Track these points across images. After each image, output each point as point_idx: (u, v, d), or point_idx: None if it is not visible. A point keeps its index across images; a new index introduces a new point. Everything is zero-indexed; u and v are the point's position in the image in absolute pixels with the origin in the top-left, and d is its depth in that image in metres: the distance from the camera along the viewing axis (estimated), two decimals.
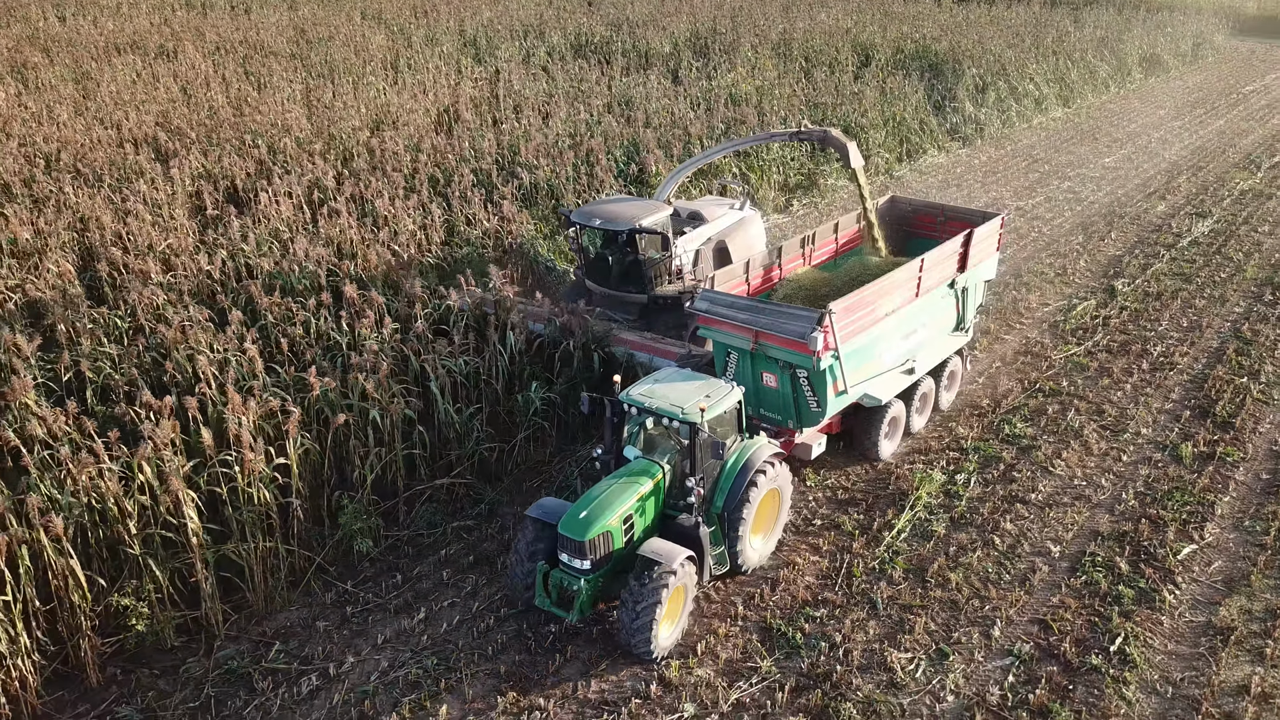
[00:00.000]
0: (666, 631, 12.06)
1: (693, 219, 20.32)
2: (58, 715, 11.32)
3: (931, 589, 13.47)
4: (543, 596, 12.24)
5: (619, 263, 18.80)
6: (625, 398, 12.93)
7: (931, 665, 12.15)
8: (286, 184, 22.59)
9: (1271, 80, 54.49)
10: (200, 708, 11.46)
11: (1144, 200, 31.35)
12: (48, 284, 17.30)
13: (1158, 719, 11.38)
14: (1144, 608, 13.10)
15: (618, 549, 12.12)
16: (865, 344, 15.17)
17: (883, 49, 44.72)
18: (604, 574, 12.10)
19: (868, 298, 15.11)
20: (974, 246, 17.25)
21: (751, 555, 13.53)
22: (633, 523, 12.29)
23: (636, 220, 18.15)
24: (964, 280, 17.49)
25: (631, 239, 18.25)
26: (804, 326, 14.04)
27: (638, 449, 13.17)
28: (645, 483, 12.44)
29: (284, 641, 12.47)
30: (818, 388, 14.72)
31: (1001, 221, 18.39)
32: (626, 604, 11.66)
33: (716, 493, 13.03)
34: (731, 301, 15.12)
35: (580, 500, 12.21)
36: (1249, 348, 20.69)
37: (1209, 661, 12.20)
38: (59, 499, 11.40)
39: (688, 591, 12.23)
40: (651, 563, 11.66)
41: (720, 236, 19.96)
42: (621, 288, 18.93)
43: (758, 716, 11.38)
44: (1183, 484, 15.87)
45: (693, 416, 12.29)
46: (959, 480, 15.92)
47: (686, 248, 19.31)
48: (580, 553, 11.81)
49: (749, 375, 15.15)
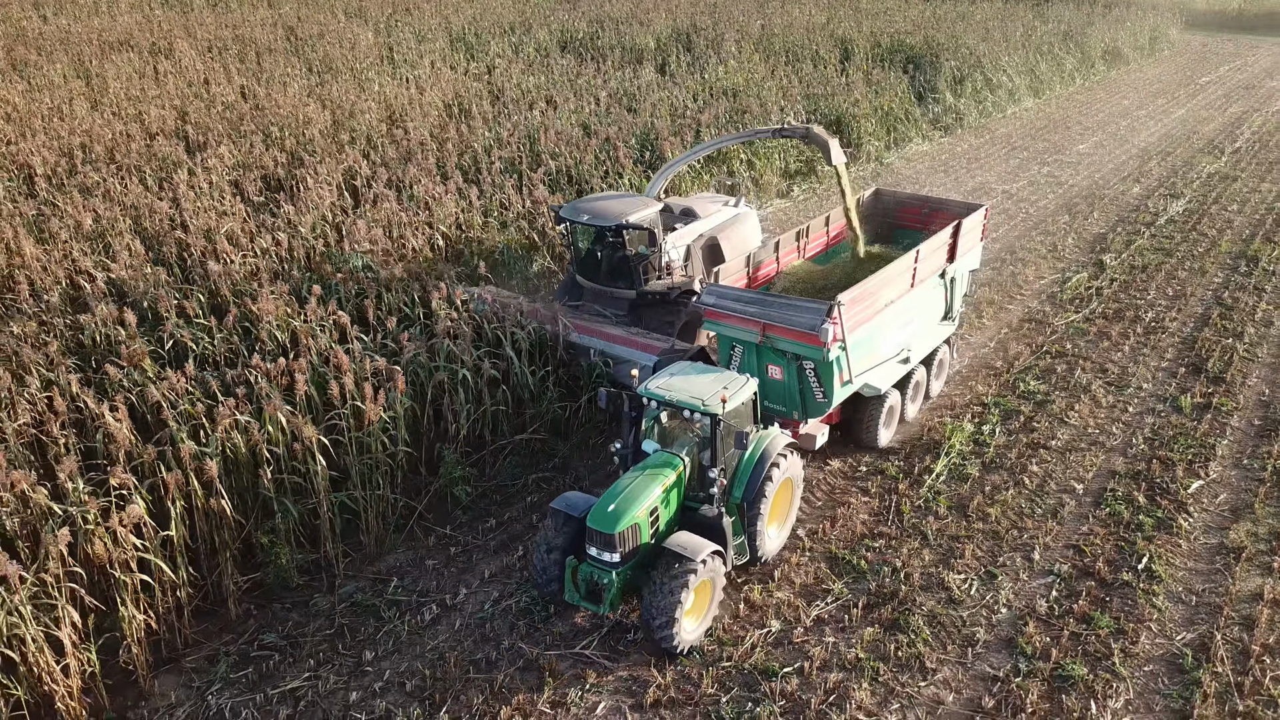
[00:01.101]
0: (691, 625, 12.16)
1: (685, 215, 20.43)
2: (206, 643, 12.43)
3: (974, 522, 14.95)
4: (571, 591, 12.26)
5: (608, 259, 18.69)
6: (644, 391, 12.91)
7: (983, 585, 13.61)
8: (326, 171, 23.62)
9: (1225, 72, 57.05)
10: (335, 635, 12.62)
11: (1120, 183, 33.25)
12: (123, 265, 18.23)
13: (1186, 622, 12.92)
14: (1163, 533, 14.68)
15: (645, 542, 12.18)
16: (868, 334, 15.50)
17: (860, 43, 46.42)
18: (631, 566, 12.11)
19: (871, 289, 15.42)
20: (961, 238, 17.79)
21: (769, 544, 13.75)
22: (658, 515, 12.35)
23: (624, 216, 18.02)
24: (952, 270, 17.98)
25: (620, 235, 18.09)
26: (815, 318, 14.28)
27: (656, 442, 13.28)
28: (668, 475, 12.48)
29: (399, 578, 13.67)
30: (824, 379, 14.95)
31: (985, 212, 19.01)
32: (650, 597, 11.75)
33: (735, 483, 13.15)
34: (739, 295, 15.30)
35: (607, 494, 12.23)
36: (1231, 313, 22.48)
37: (1225, 575, 13.78)
38: (205, 449, 12.47)
39: (715, 585, 12.38)
40: (677, 556, 11.75)
41: (713, 233, 20.03)
42: (611, 283, 18.87)
43: (837, 629, 12.78)
44: (1185, 430, 17.51)
45: (714, 408, 12.37)
46: (985, 430, 17.44)
47: (677, 244, 19.33)
48: (610, 546, 11.83)
49: (754, 368, 15.35)
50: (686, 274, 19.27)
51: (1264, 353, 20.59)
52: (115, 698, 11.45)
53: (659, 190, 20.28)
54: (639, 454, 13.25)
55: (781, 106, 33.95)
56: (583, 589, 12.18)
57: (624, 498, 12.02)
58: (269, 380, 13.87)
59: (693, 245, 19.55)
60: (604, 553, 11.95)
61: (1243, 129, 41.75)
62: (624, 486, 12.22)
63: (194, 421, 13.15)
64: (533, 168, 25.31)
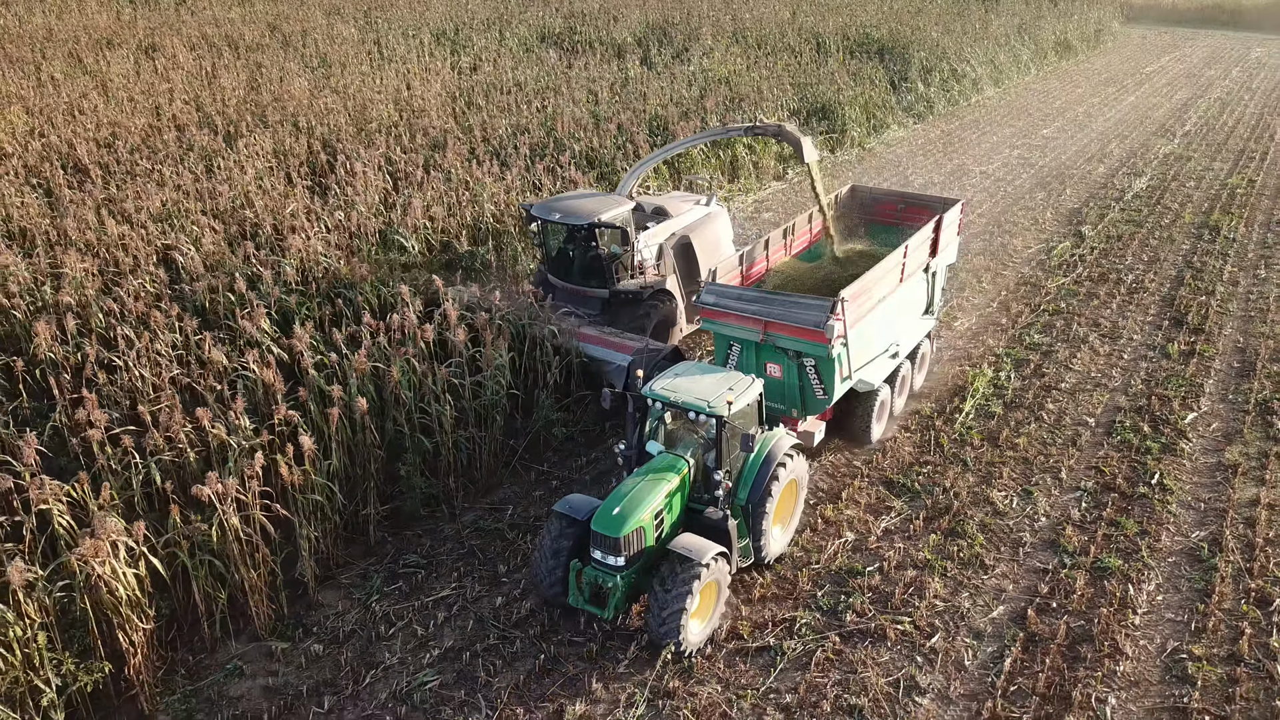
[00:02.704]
0: (698, 627, 12.13)
1: (657, 214, 20.37)
2: (355, 563, 13.96)
3: (1005, 450, 16.97)
4: (575, 595, 12.22)
5: (580, 257, 18.61)
6: (649, 392, 12.79)
7: (1022, 500, 15.62)
8: (367, 157, 25.01)
9: (1166, 61, 60.36)
10: (467, 554, 14.22)
11: (1086, 163, 35.78)
12: (208, 241, 19.53)
13: (1197, 524, 15.05)
14: (1169, 455, 16.83)
15: (649, 545, 12.08)
16: (864, 330, 15.53)
17: (830, 37, 48.65)
18: (636, 570, 12.05)
19: (868, 284, 15.47)
20: (942, 232, 18.06)
21: (774, 546, 13.69)
22: (663, 518, 12.24)
23: (597, 215, 17.87)
24: (934, 265, 18.25)
25: (592, 233, 18.02)
26: (819, 315, 14.31)
27: (660, 443, 13.21)
28: (673, 478, 12.35)
29: (513, 506, 15.29)
30: (825, 376, 15.02)
31: (961, 207, 19.27)
32: (656, 599, 11.70)
33: (740, 485, 13.07)
34: (739, 294, 15.24)
35: (611, 497, 12.11)
36: (1201, 274, 24.90)
37: (1225, 486, 15.96)
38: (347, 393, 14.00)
39: (720, 587, 12.33)
40: (682, 558, 11.69)
41: (685, 232, 19.98)
42: (583, 283, 18.72)
43: (904, 537, 14.69)
44: (1175, 372, 19.74)
45: (720, 410, 12.27)
46: (1003, 376, 19.50)
47: (649, 243, 19.25)
48: (615, 549, 11.71)
49: (752, 366, 15.37)
50: (659, 273, 19.19)
51: (1234, 307, 23.00)
52: (292, 607, 12.95)
53: (631, 188, 20.03)
54: (643, 455, 13.12)
55: (775, 94, 35.89)
56: (586, 593, 12.13)
57: (628, 501, 11.89)
58: (392, 334, 15.42)
59: (665, 244, 19.44)
60: (609, 556, 11.83)
61: (1190, 114, 44.69)
62: (628, 489, 12.10)
63: (328, 370, 14.65)
64: (557, 152, 26.91)
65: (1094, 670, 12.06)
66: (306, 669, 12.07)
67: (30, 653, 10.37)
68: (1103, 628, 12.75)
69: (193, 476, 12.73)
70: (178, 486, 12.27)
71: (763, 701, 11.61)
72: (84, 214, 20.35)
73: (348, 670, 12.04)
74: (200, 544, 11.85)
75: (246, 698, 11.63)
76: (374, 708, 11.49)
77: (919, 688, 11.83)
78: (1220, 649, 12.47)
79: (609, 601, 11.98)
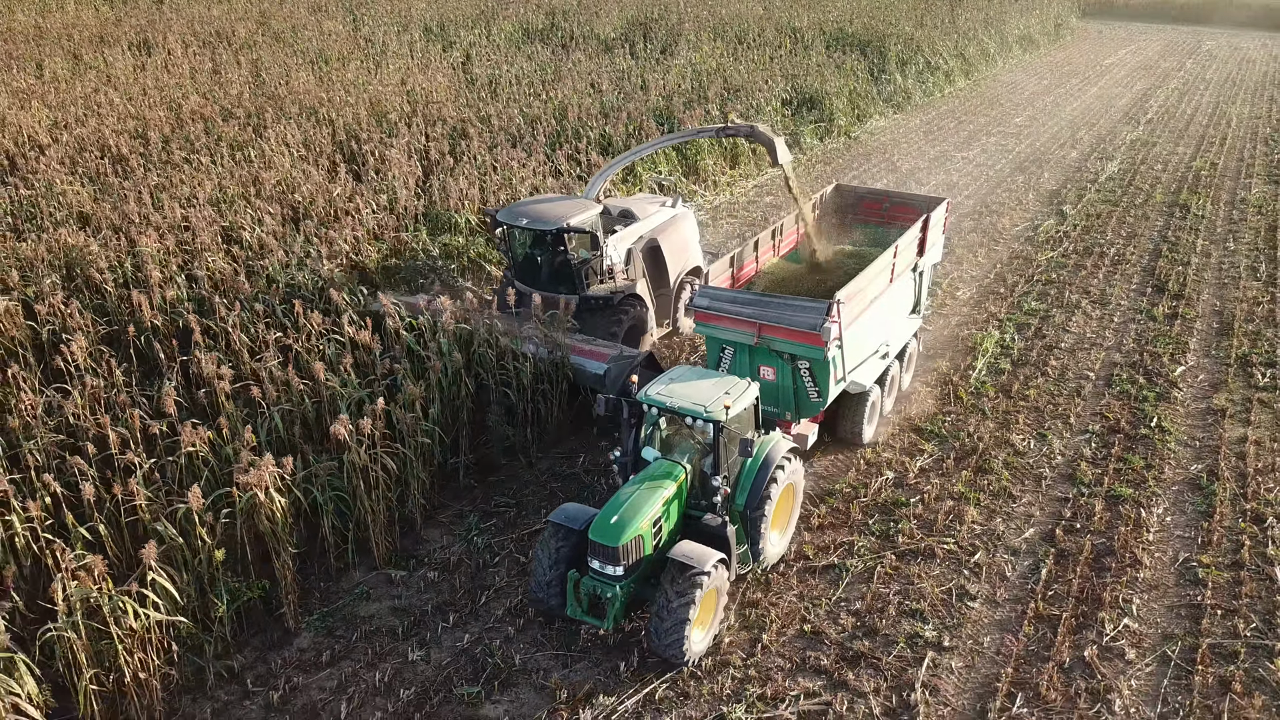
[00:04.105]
0: (699, 636, 11.98)
1: (624, 217, 19.97)
2: (449, 505, 15.34)
3: (1017, 401, 18.72)
4: (574, 605, 11.97)
5: (548, 263, 18.10)
6: (644, 398, 12.61)
7: (1038, 442, 17.36)
8: (399, 145, 26.28)
9: (1123, 55, 63.04)
10: (549, 495, 15.65)
11: (1059, 149, 37.87)
12: (270, 221, 20.73)
13: (1195, 458, 16.88)
14: (1164, 402, 18.67)
15: (648, 554, 11.93)
16: (857, 331, 15.50)
17: (807, 31, 50.49)
18: (634, 579, 11.87)
19: (862, 285, 15.45)
20: (929, 231, 18.23)
21: (772, 550, 13.57)
22: (661, 526, 12.09)
23: (565, 219, 17.40)
24: (922, 264, 18.39)
25: (560, 238, 17.52)
26: (816, 318, 14.21)
27: (656, 449, 13.00)
28: (670, 485, 12.18)
29: (584, 454, 16.75)
30: (819, 378, 14.95)
31: (947, 206, 19.47)
32: (658, 609, 11.53)
33: (738, 490, 12.92)
34: (734, 297, 15.13)
35: (608, 505, 11.92)
36: (1176, 247, 26.94)
37: (1216, 427, 17.82)
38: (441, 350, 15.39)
39: (720, 595, 12.19)
40: (683, 566, 11.51)
41: (653, 234, 19.59)
42: (552, 289, 18.15)
43: (938, 474, 16.35)
44: (1162, 332, 21.65)
45: (717, 415, 12.11)
46: (1008, 338, 21.27)
47: (618, 246, 18.86)
48: (614, 559, 11.54)
49: (745, 369, 15.29)
50: (629, 277, 18.85)
51: (1209, 276, 25.03)
52: (402, 541, 14.33)
53: (598, 192, 19.67)
54: (639, 462, 13.00)
55: (768, 85, 37.61)
56: (585, 603, 11.91)
57: (626, 509, 11.72)
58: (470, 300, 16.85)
59: (634, 248, 19.07)
60: (607, 566, 11.65)
61: (1150, 103, 47.09)
62: (626, 497, 11.92)
63: (417, 331, 16.02)
64: (575, 139, 28.34)
65: (1118, 577, 13.78)
66: (425, 592, 13.46)
67: (203, 572, 11.67)
68: (1122, 543, 14.49)
69: (308, 425, 14.06)
70: (303, 433, 13.60)
71: (835, 609, 13.20)
72: (143, 199, 21.43)
73: (463, 592, 13.44)
74: (329, 482, 13.18)
75: (377, 616, 13.00)
76: (493, 622, 12.90)
77: (969, 595, 13.48)
78: (1224, 558, 14.25)
79: (608, 613, 11.75)
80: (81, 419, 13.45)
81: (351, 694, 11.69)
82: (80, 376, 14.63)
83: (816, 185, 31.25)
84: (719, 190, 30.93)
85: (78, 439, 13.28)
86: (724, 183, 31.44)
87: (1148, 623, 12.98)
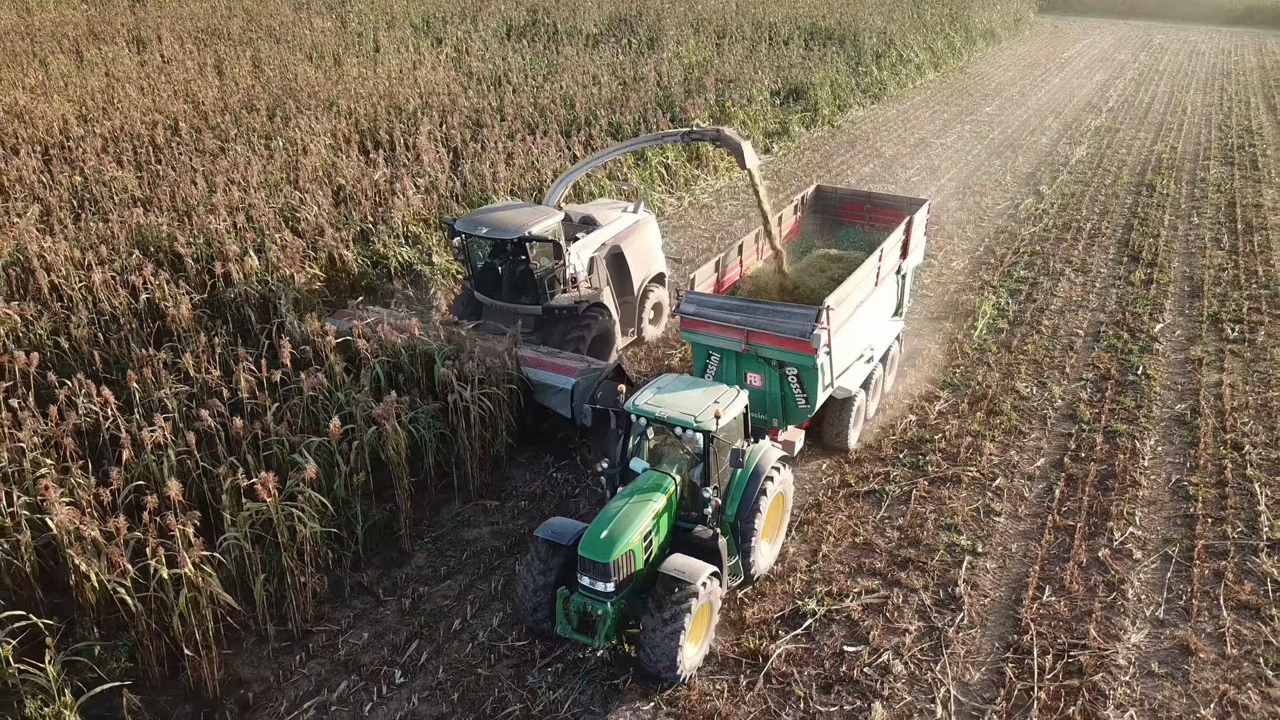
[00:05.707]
0: (692, 651, 11.69)
1: (585, 224, 19.44)
2: (524, 449, 17.01)
3: (1017, 355, 20.75)
4: (563, 623, 11.62)
5: (509, 273, 17.56)
6: (632, 408, 12.26)
7: (1039, 388, 19.38)
8: (425, 133, 27.80)
9: (1081, 48, 65.90)
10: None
11: (1030, 135, 40.22)
12: (317, 204, 22.22)
13: (1178, 400, 19.00)
14: (1147, 354, 20.81)
15: (639, 569, 11.57)
16: (844, 336, 15.45)
17: (784, 27, 52.57)
18: (625, 595, 11.52)
19: (849, 290, 15.42)
20: (912, 233, 18.25)
21: (762, 561, 13.33)
22: (651, 539, 11.74)
23: (526, 227, 16.87)
24: (905, 266, 18.41)
25: (522, 247, 17.02)
26: (805, 324, 14.13)
27: (644, 460, 12.69)
28: (659, 498, 11.83)
29: None
30: (807, 384, 14.87)
31: (929, 208, 19.52)
32: (650, 625, 11.18)
33: (728, 501, 12.60)
34: (721, 303, 14.97)
35: (597, 519, 11.55)
36: (1146, 222, 29.25)
37: (1195, 374, 19.97)
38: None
39: (713, 609, 11.90)
40: (675, 581, 11.22)
41: (615, 241, 19.13)
42: (514, 299, 17.71)
43: (955, 416, 18.28)
44: (1141, 295, 23.84)
45: (708, 424, 11.81)
46: (1001, 301, 23.34)
47: (581, 255, 18.31)
48: (605, 575, 11.21)
49: (732, 376, 15.14)
50: (593, 286, 18.44)
51: (1178, 246, 27.34)
52: (491, 475, 16.00)
53: (559, 198, 19.04)
54: (627, 473, 12.66)
55: (756, 76, 39.54)
56: (575, 621, 11.52)
57: (616, 524, 11.38)
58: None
59: (597, 256, 18.66)
60: (598, 582, 11.32)
61: (1110, 92, 49.73)
62: (615, 511, 11.57)
63: None
64: (589, 126, 30.02)
65: (1121, 495, 15.81)
66: (519, 518, 15.14)
67: (340, 495, 13.28)
68: (1122, 469, 16.53)
69: (406, 374, 15.71)
70: (404, 380, 15.23)
71: (881, 525, 15.08)
72: (197, 183, 22.80)
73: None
74: (430, 423, 14.82)
75: (479, 540, 14.65)
76: None
77: (995, 512, 15.43)
78: (1211, 478, 16.33)
79: (599, 630, 11.36)
80: (202, 370, 14.95)
81: (472, 599, 13.35)
82: (187, 337, 16.10)
83: (806, 171, 33.35)
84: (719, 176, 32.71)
85: (194, 388, 14.80)
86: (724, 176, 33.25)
87: (1150, 530, 15.01)
